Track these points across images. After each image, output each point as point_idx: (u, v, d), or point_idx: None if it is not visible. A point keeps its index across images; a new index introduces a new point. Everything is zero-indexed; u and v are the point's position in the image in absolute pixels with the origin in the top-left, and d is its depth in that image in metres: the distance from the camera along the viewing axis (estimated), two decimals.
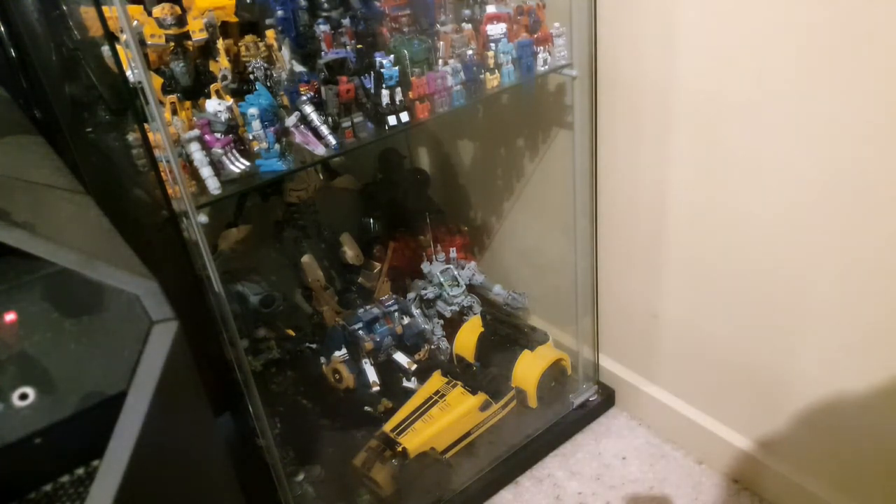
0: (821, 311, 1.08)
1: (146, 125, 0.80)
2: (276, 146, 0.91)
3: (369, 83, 0.99)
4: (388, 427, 1.33)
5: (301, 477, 1.28)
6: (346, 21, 1.01)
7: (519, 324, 1.58)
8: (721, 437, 1.33)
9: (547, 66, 1.15)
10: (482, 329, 1.51)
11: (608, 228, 1.37)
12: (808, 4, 0.92)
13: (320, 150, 0.96)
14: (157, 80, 0.89)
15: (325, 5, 1.00)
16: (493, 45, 1.10)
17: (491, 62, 1.09)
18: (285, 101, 0.96)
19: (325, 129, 0.96)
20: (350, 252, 1.45)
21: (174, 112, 0.87)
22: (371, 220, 1.55)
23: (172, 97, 0.87)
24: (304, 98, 0.95)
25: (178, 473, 0.58)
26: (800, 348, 1.13)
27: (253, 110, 0.88)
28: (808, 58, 0.94)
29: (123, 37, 0.75)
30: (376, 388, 1.33)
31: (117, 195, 1.02)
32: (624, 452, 1.44)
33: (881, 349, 1.02)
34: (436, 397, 1.39)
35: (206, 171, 0.87)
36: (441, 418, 1.34)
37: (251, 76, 0.96)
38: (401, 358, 1.40)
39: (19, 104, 0.99)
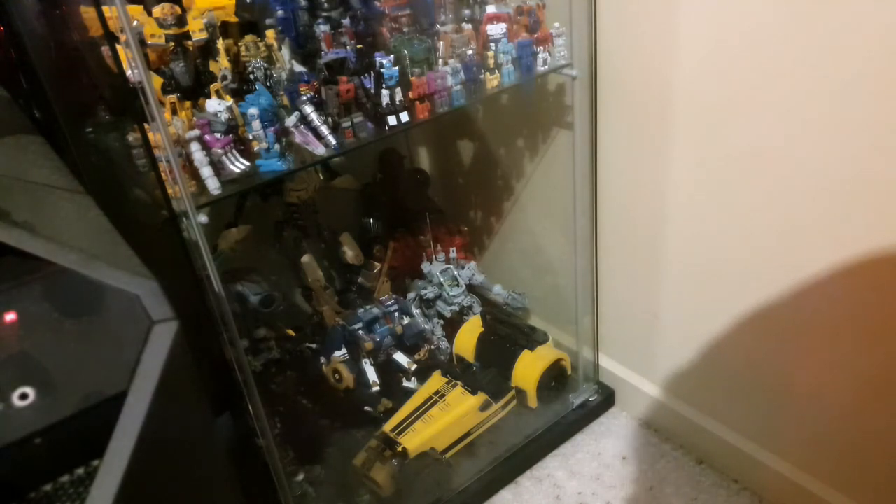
0: (821, 312, 1.08)
1: (146, 125, 0.80)
2: (276, 146, 0.91)
3: (369, 83, 0.99)
4: (388, 427, 1.33)
5: (301, 477, 1.28)
6: (346, 21, 1.01)
7: (519, 324, 1.57)
8: (721, 437, 1.33)
9: (547, 66, 1.15)
10: (482, 329, 1.51)
11: (608, 228, 1.37)
12: (810, 2, 0.92)
13: (320, 150, 0.96)
14: (157, 80, 0.89)
15: (325, 5, 1.00)
16: (493, 45, 1.10)
17: (491, 62, 1.09)
18: (285, 101, 0.95)
19: (325, 129, 0.95)
20: (350, 252, 1.45)
21: (174, 112, 0.87)
22: (371, 220, 1.55)
23: (172, 97, 0.87)
24: (304, 98, 0.95)
25: (178, 473, 0.58)
26: (800, 348, 1.13)
27: (253, 110, 0.88)
28: (810, 57, 0.94)
29: (123, 37, 0.75)
30: (376, 388, 1.33)
31: (117, 195, 1.02)
32: (624, 452, 1.44)
33: (881, 349, 1.02)
34: (436, 397, 1.39)
35: (206, 171, 0.87)
36: (441, 418, 1.34)
37: (251, 76, 0.96)
38: (401, 358, 1.39)
39: (19, 104, 0.98)
